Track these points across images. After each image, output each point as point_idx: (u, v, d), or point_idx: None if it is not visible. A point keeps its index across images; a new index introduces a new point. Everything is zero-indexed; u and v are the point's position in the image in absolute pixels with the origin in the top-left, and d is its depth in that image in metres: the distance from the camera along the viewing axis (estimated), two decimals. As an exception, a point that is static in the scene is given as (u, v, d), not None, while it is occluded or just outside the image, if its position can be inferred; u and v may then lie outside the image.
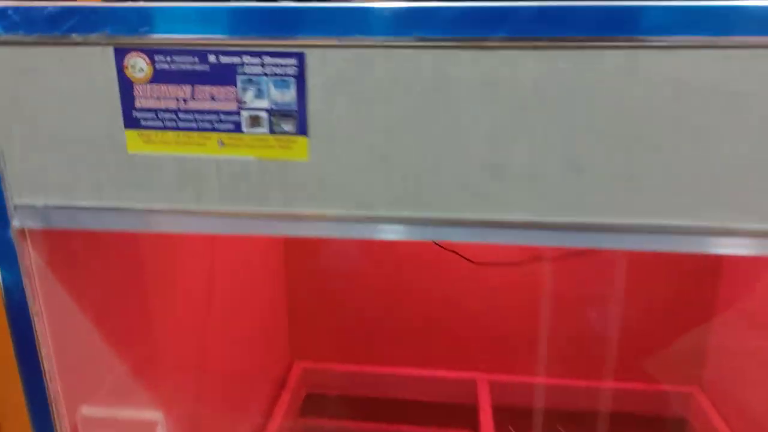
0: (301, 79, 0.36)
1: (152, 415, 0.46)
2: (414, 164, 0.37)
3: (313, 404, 1.16)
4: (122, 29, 0.36)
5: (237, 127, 0.37)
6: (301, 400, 1.16)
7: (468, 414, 1.06)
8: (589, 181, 0.36)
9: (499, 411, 1.05)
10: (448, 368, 1.13)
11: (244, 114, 0.37)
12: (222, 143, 0.38)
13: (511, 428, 1.02)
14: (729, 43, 0.32)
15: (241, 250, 0.90)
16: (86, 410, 0.45)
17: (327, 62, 0.34)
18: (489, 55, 0.33)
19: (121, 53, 0.37)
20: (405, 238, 0.39)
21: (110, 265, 0.54)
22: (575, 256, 0.99)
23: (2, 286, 0.42)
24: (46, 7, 0.37)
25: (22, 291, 0.42)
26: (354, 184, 0.38)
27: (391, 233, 0.39)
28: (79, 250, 0.49)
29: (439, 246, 0.91)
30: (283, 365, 1.17)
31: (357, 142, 0.37)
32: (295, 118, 0.37)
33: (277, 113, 0.37)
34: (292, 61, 0.35)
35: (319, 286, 1.13)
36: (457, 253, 0.95)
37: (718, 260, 1.01)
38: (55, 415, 0.45)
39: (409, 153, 0.37)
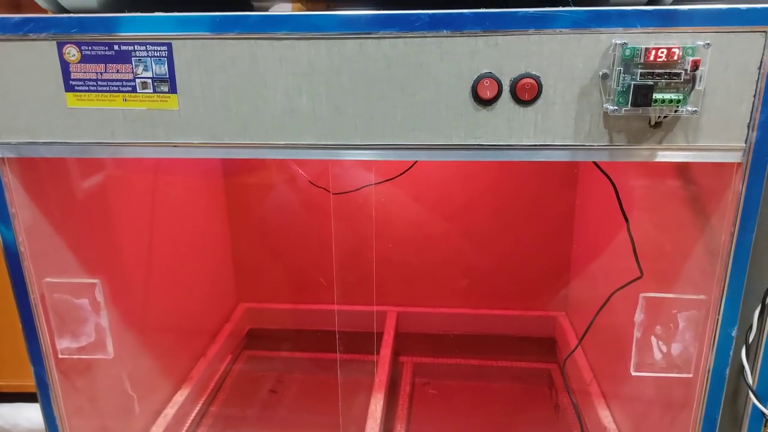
0: (170, 59, 0.59)
1: (92, 280, 0.70)
2: (243, 111, 0.60)
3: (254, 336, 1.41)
4: (61, 31, 0.59)
5: (134, 89, 0.61)
6: (244, 333, 1.41)
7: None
8: (344, 118, 0.60)
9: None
10: (363, 304, 1.36)
11: (138, 81, 0.60)
12: (125, 99, 0.61)
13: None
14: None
15: (186, 211, 1.13)
16: (49, 280, 0.69)
17: (186, 48, 0.58)
18: (280, 45, 0.56)
19: (60, 45, 0.60)
20: (243, 156, 0.63)
21: (61, 186, 0.77)
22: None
23: (-9, 197, 0.66)
24: (13, 17, 0.60)
25: (4, 199, 0.66)
26: (207, 123, 0.61)
27: (234, 154, 0.63)
28: (43, 173, 0.72)
29: (313, 184, 1.17)
30: (229, 306, 1.41)
31: (207, 97, 0.60)
32: (168, 83, 0.60)
33: (157, 80, 0.60)
34: (164, 48, 0.59)
35: (260, 240, 1.36)
36: (323, 187, 1.17)
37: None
38: (28, 283, 0.68)
39: (239, 103, 0.60)
